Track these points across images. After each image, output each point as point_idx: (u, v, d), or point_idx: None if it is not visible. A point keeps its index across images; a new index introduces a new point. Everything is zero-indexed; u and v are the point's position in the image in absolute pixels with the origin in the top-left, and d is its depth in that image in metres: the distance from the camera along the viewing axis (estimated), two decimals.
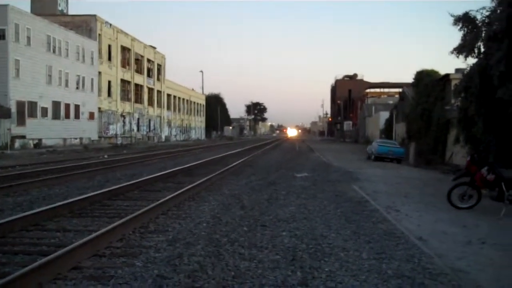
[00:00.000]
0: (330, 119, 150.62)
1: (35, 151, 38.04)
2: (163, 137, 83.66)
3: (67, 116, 50.50)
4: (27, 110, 43.30)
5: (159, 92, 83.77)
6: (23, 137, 42.07)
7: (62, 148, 43.09)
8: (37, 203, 11.94)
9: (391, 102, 74.83)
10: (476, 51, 18.50)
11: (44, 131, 45.48)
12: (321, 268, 6.86)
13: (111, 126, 63.44)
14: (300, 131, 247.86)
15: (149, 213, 10.06)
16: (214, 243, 8.03)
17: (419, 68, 43.76)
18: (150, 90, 79.62)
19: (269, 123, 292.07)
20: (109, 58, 62.98)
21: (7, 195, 13.10)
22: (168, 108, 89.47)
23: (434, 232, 9.79)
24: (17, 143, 40.59)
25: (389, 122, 55.83)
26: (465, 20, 18.59)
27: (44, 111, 46.21)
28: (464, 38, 18.70)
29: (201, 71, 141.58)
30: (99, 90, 59.23)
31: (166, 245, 7.86)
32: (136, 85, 72.95)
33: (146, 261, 6.90)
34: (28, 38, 43.68)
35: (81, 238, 7.82)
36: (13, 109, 40.96)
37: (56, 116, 48.33)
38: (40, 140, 44.40)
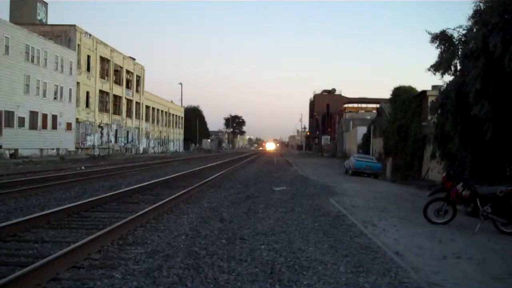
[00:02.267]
0: (308, 133, 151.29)
1: (11, 161, 37.59)
2: (141, 149, 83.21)
3: (44, 126, 50.03)
4: (3, 119, 42.80)
5: (137, 103, 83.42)
6: None
7: (39, 159, 42.63)
8: (14, 214, 11.84)
9: (368, 117, 75.61)
10: (452, 68, 18.80)
11: (20, 141, 45.00)
12: (299, 281, 6.92)
13: (88, 137, 62.95)
14: (278, 145, 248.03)
15: (128, 225, 10.04)
16: (193, 256, 8.05)
17: (396, 84, 44.33)
18: (129, 101, 79.25)
19: (248, 137, 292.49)
20: (88, 69, 62.62)
21: None
22: (147, 120, 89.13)
23: (411, 247, 9.91)
24: None
25: (366, 137, 56.31)
26: (442, 38, 18.90)
27: (21, 121, 45.72)
28: (441, 55, 18.99)
29: (180, 83, 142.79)
30: (77, 100, 58.80)
31: (145, 257, 7.86)
32: (115, 96, 72.57)
33: (125, 273, 6.90)
34: (7, 47, 43.30)
35: (59, 249, 7.80)
36: None
37: (33, 126, 47.84)
38: (16, 150, 43.89)
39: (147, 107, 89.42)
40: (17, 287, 5.82)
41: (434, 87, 33.01)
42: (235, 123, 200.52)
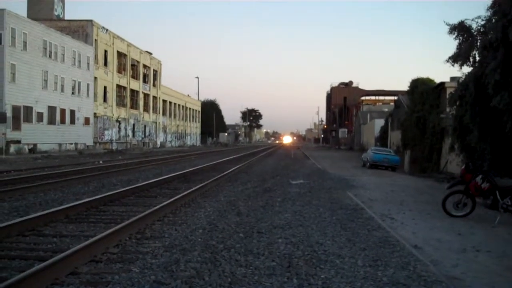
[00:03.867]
0: (325, 126, 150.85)
1: (30, 156, 37.98)
2: (158, 143, 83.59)
3: (62, 121, 50.45)
4: (22, 115, 43.24)
5: (154, 98, 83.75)
6: (18, 142, 42.02)
7: (57, 153, 43.05)
8: (33, 208, 11.95)
9: (386, 110, 75.17)
10: (471, 59, 18.62)
11: (39, 136, 45.43)
12: (317, 275, 6.89)
13: (106, 132, 63.36)
14: (295, 138, 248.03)
15: (145, 219, 10.08)
16: (211, 250, 8.05)
17: (414, 76, 43.90)
18: (146, 95, 79.60)
19: (264, 130, 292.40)
20: (105, 64, 62.98)
21: (2, 200, 13.10)
22: (164, 114, 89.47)
23: (429, 240, 9.83)
24: (12, 148, 40.53)
25: (384, 130, 55.93)
26: (460, 29, 18.72)
27: (40, 116, 46.15)
28: (459, 46, 18.81)
29: (197, 77, 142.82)
30: (95, 95, 59.20)
31: (162, 251, 7.88)
32: (132, 90, 72.93)
33: (143, 267, 6.92)
34: (25, 42, 43.68)
35: (77, 243, 7.84)
36: (9, 114, 40.86)
37: (51, 121, 48.28)
38: (35, 145, 44.34)
39: (164, 101, 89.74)
40: (36, 281, 5.85)
41: (452, 78, 32.74)
42: (251, 116, 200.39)
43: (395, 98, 64.12)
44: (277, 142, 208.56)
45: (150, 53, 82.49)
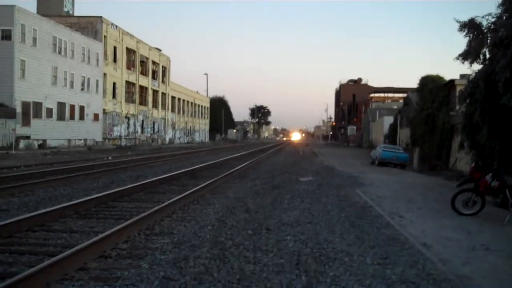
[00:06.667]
0: (334, 124, 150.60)
1: (40, 151, 38.15)
2: (167, 139, 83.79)
3: (72, 117, 50.66)
4: (32, 110, 43.46)
5: (163, 94, 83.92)
6: (28, 137, 42.20)
7: (67, 149, 43.22)
8: (43, 204, 12.00)
9: (395, 107, 74.95)
10: (481, 57, 18.50)
11: (48, 132, 45.64)
12: (325, 272, 6.89)
13: (115, 128, 63.56)
14: (303, 135, 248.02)
15: (154, 215, 10.11)
16: (219, 246, 8.07)
17: (423, 73, 43.79)
18: (155, 92, 79.75)
19: (273, 127, 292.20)
20: (114, 60, 63.16)
21: (12, 196, 13.17)
22: (173, 110, 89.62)
23: (438, 238, 9.80)
24: (22, 144, 40.71)
25: (393, 127, 55.80)
26: (470, 26, 18.60)
27: (49, 112, 46.37)
28: (469, 44, 18.70)
29: (206, 74, 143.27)
30: (104, 91, 59.39)
31: (171, 247, 7.90)
32: (141, 87, 73.10)
33: (152, 263, 6.95)
34: (34, 39, 43.86)
35: (87, 239, 7.88)
36: (18, 110, 41.10)
37: (61, 117, 48.49)
38: (44, 140, 44.53)
39: (173, 97, 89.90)
40: (46, 276, 5.89)
41: (462, 76, 32.56)
42: (260, 113, 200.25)
43: (404, 95, 63.97)
44: (285, 139, 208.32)
45: (159, 50, 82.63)
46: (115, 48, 63.06)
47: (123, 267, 6.77)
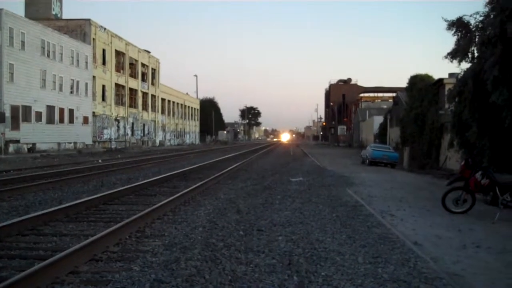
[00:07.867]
0: (324, 124, 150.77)
1: (29, 155, 37.92)
2: (157, 141, 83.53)
3: (61, 120, 50.38)
4: (21, 114, 43.18)
5: (153, 96, 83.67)
6: (17, 141, 41.96)
7: (56, 153, 42.98)
8: (33, 208, 11.94)
9: (385, 106, 75.18)
10: (470, 55, 18.57)
11: (38, 135, 45.37)
12: (317, 272, 6.89)
13: (105, 131, 63.30)
14: (294, 135, 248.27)
15: (145, 218, 10.07)
16: (211, 248, 8.04)
17: (413, 72, 43.94)
18: (145, 94, 79.51)
19: (263, 128, 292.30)
20: (104, 63, 62.91)
21: (2, 200, 13.08)
22: (163, 112, 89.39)
23: (429, 236, 9.84)
24: (11, 148, 40.48)
25: (383, 127, 55.97)
26: (459, 25, 18.67)
27: (38, 116, 46.09)
28: (458, 43, 18.77)
29: (195, 76, 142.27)
30: (94, 94, 59.11)
31: (162, 249, 7.87)
32: (131, 89, 72.84)
33: (143, 266, 6.92)
34: (23, 42, 43.61)
35: (77, 242, 7.84)
36: (7, 114, 40.81)
37: (50, 120, 48.22)
38: (34, 144, 44.25)
39: (163, 99, 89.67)
40: (37, 280, 5.85)
41: (451, 75, 32.72)
42: (250, 114, 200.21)
43: (394, 94, 64.14)
44: (275, 139, 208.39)
45: (149, 52, 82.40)
46: (104, 50, 62.81)
47: (114, 270, 6.74)
